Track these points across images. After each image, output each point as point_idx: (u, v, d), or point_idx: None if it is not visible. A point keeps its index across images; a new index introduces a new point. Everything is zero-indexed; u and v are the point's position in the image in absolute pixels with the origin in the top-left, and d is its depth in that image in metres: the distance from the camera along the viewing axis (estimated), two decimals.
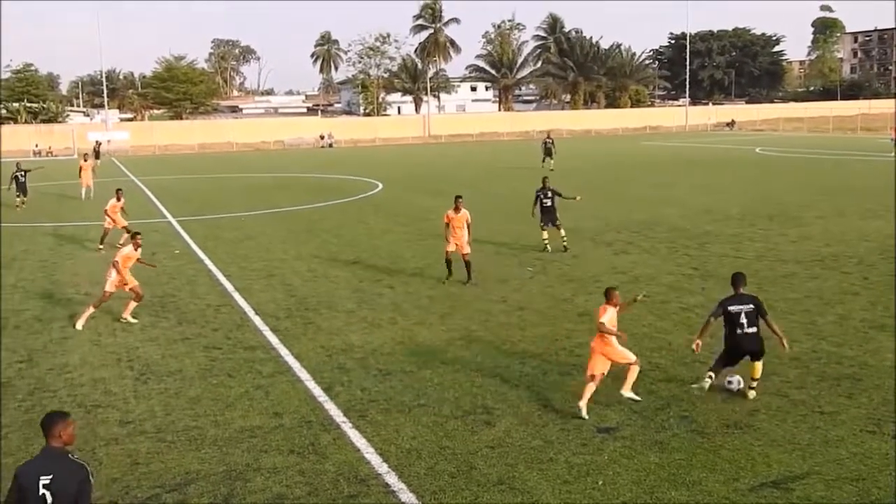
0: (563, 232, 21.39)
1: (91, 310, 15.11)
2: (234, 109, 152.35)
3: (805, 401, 10.49)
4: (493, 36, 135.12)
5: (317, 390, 11.37)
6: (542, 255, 20.75)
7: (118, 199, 23.81)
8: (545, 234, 21.44)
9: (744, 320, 10.49)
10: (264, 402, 10.95)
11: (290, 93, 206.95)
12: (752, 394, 10.62)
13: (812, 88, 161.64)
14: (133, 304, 15.31)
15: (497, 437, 9.65)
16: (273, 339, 13.84)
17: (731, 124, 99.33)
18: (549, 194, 21.61)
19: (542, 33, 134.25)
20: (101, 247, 23.10)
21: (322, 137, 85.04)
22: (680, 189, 35.23)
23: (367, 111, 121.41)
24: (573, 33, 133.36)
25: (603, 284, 17.19)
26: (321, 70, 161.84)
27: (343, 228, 26.44)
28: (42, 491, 5.57)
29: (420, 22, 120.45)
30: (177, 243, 24.07)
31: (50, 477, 5.60)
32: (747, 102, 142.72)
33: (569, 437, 9.58)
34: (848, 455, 8.89)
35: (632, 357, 10.65)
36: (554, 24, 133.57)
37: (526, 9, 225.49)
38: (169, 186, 43.03)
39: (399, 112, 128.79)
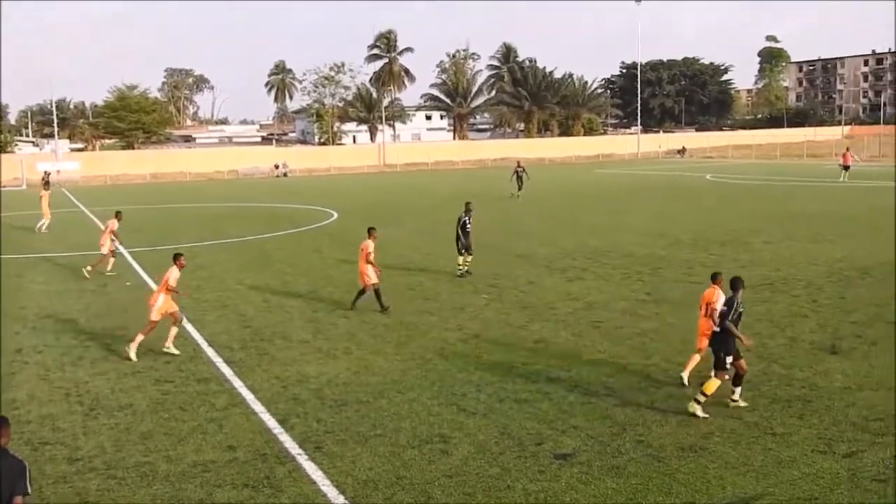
0: (469, 258, 22.12)
1: (141, 337, 14.82)
2: (188, 139, 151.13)
3: (758, 423, 10.61)
4: (447, 65, 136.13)
5: (271, 422, 11.22)
6: (498, 283, 20.83)
7: (118, 220, 24.22)
8: (460, 259, 22.19)
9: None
10: (218, 436, 10.78)
11: (244, 122, 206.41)
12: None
13: (759, 116, 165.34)
14: (175, 331, 15.03)
15: (454, 465, 9.61)
16: (227, 371, 13.66)
17: (681, 151, 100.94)
18: (469, 220, 22.42)
19: (496, 62, 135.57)
20: (109, 271, 23.52)
21: (277, 167, 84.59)
22: (633, 216, 35.66)
23: (321, 140, 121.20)
24: (527, 63, 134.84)
25: (558, 311, 17.40)
26: (276, 99, 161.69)
27: (298, 258, 26.29)
28: None
29: (375, 51, 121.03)
30: (128, 275, 23.69)
31: None
32: (697, 130, 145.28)
33: (526, 464, 9.57)
34: (800, 475, 9.00)
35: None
36: (508, 53, 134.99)
37: (480, 39, 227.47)
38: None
39: (354, 141, 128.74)
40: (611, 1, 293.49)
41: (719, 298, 11.70)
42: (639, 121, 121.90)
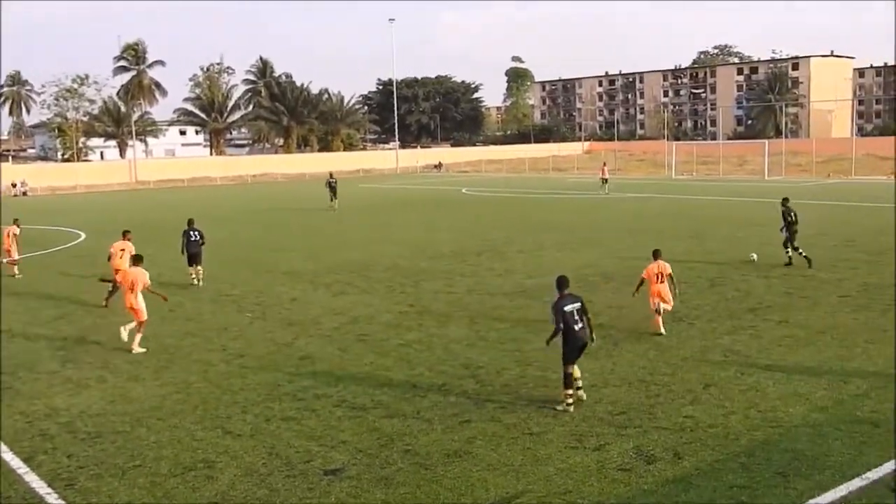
0: (201, 271, 23.14)
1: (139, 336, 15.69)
2: None
3: (517, 424, 11.16)
4: (201, 79, 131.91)
5: (15, 461, 10.33)
6: (262, 301, 20.47)
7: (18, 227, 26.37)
8: (191, 271, 23.16)
9: (576, 317, 11.67)
10: None
11: None
12: (581, 393, 11.87)
13: (509, 132, 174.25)
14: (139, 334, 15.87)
15: (220, 490, 9.32)
16: None
17: (438, 166, 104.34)
18: (197, 234, 23.20)
19: (252, 77, 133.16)
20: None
21: (14, 185, 78.22)
22: (395, 229, 36.37)
23: (65, 156, 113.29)
24: (283, 78, 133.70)
25: (323, 326, 17.39)
26: (10, 112, 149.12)
27: (42, 283, 24.43)
28: None
29: (122, 63, 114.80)
30: None
31: None
32: (452, 145, 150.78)
33: (295, 483, 9.47)
34: (556, 471, 9.57)
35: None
36: (264, 68, 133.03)
37: (234, 53, 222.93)
38: None
39: (102, 157, 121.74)
40: (365, 20, 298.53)
41: (666, 267, 15.86)
42: (397, 136, 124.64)
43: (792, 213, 23.16)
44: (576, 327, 11.65)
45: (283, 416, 11.80)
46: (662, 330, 15.60)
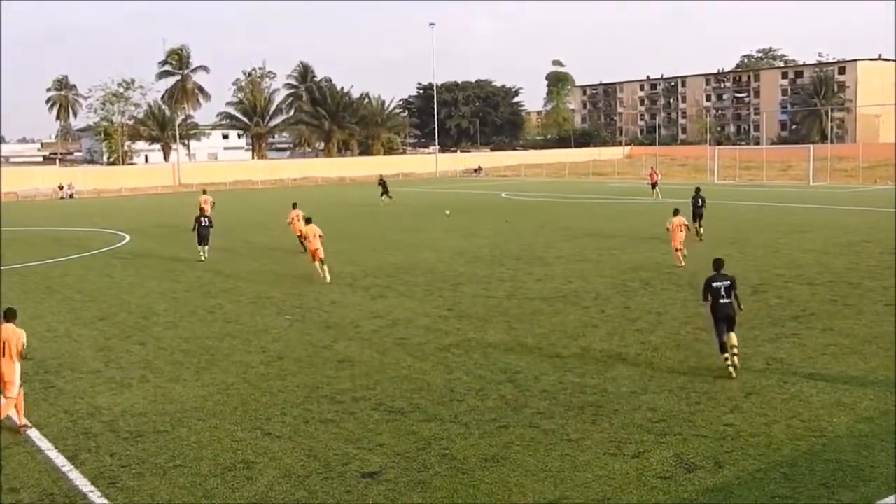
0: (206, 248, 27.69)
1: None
2: None
3: (554, 430, 11.10)
4: (243, 83, 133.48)
5: (60, 459, 10.51)
6: (301, 303, 20.61)
7: None
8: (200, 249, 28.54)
9: (723, 293, 13.44)
10: None
11: (23, 140, 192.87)
12: (735, 360, 13.27)
13: (549, 137, 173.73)
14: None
15: (259, 492, 9.39)
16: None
17: (478, 170, 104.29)
18: (208, 220, 29.08)
19: (293, 82, 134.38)
20: None
21: (61, 188, 79.67)
22: (434, 233, 36.41)
23: (111, 160, 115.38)
24: (324, 82, 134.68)
25: (362, 329, 17.46)
26: (58, 117, 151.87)
27: (87, 284, 24.84)
28: None
29: (167, 68, 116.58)
30: None
31: None
32: (492, 150, 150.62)
33: (333, 485, 9.51)
34: (594, 478, 9.49)
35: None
36: (305, 72, 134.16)
37: (276, 57, 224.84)
38: None
39: (147, 160, 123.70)
40: (405, 24, 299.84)
41: (683, 220, 25.02)
42: (436, 140, 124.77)
43: (700, 199, 31.71)
44: (721, 301, 13.45)
45: (321, 418, 11.86)
46: (682, 263, 24.18)
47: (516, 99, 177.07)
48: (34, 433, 11.52)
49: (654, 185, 56.21)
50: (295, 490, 9.40)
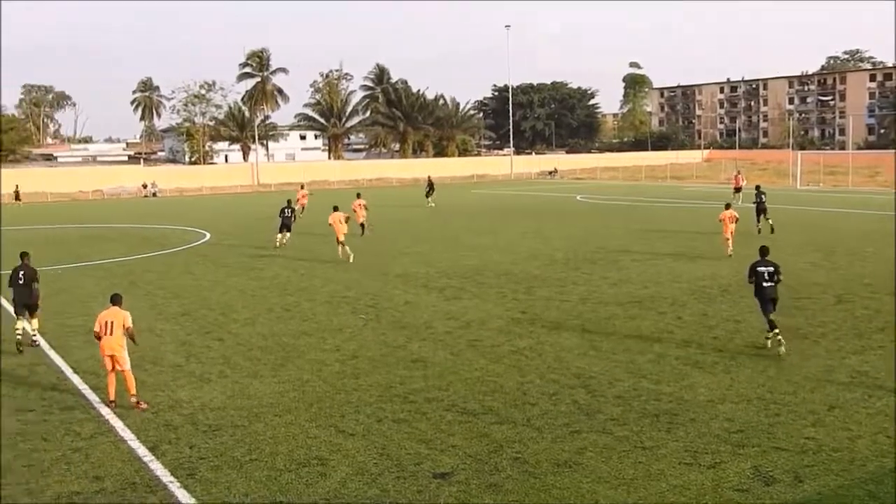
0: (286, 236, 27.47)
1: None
2: (49, 157, 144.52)
3: (628, 437, 10.96)
4: (321, 85, 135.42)
5: (141, 450, 10.83)
6: (376, 303, 20.78)
7: None
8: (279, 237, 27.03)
9: (766, 277, 15.01)
10: (83, 466, 10.31)
11: (109, 140, 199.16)
12: (782, 350, 14.65)
13: (625, 139, 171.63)
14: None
15: (333, 488, 9.51)
16: (93, 398, 13.10)
17: (553, 173, 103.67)
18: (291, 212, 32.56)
19: (369, 83, 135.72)
20: None
21: (145, 186, 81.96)
22: (508, 235, 36.33)
23: (192, 159, 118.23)
24: (399, 84, 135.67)
25: (435, 330, 17.53)
26: (142, 117, 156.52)
27: (168, 280, 25.51)
28: None
29: (246, 70, 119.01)
30: None
31: None
32: (567, 152, 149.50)
33: (405, 484, 9.56)
34: (668, 487, 9.34)
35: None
36: (381, 74, 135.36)
37: (353, 59, 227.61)
38: None
39: (226, 160, 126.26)
40: (479, 25, 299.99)
41: (735, 213, 26.79)
42: (511, 142, 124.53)
43: (761, 196, 34.54)
44: (764, 284, 14.99)
45: (394, 417, 11.94)
46: (731, 252, 26.72)
47: (592, 101, 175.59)
48: (118, 423, 11.88)
49: (737, 190, 54.74)
50: (367, 488, 9.49)
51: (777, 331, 14.90)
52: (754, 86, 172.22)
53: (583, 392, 12.98)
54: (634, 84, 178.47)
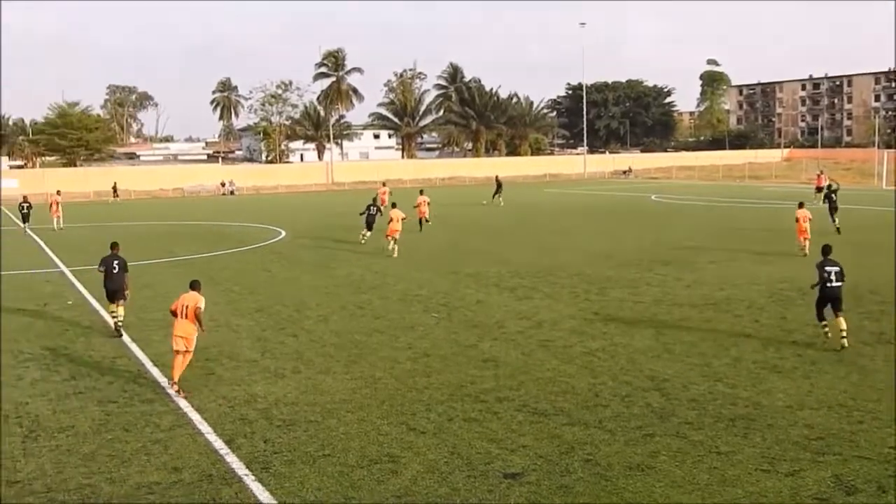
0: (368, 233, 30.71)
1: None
2: (132, 156, 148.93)
3: (703, 441, 10.76)
4: (395, 84, 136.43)
5: (218, 443, 11.07)
6: (448, 302, 20.84)
7: None
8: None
9: (832, 276, 15.28)
10: (163, 457, 10.59)
11: (189, 139, 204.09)
12: (844, 342, 14.96)
13: (702, 138, 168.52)
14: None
15: (404, 485, 9.57)
16: (172, 391, 13.43)
17: (627, 172, 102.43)
18: (377, 209, 33.88)
19: (443, 82, 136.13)
20: None
21: (223, 185, 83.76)
22: (581, 235, 36.04)
23: (269, 158, 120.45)
24: (473, 83, 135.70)
25: (507, 330, 17.50)
26: (221, 117, 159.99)
27: (245, 276, 26.03)
28: None
29: (322, 70, 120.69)
30: (70, 294, 23.22)
31: None
32: (642, 151, 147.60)
33: (475, 483, 9.57)
34: (744, 494, 9.14)
35: None
36: (454, 73, 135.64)
37: (427, 58, 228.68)
38: (61, 235, 41.63)
39: (302, 159, 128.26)
40: (554, 24, 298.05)
41: (809, 213, 26.03)
42: (585, 141, 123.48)
43: (833, 193, 35.39)
44: (829, 284, 15.28)
45: (465, 416, 11.96)
46: (806, 252, 26.48)
47: (668, 99, 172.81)
48: (195, 416, 12.17)
49: (819, 190, 53.17)
50: (438, 486, 9.52)
51: (844, 334, 15.13)
52: (838, 83, 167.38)
53: (656, 395, 12.80)
54: (712, 81, 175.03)
